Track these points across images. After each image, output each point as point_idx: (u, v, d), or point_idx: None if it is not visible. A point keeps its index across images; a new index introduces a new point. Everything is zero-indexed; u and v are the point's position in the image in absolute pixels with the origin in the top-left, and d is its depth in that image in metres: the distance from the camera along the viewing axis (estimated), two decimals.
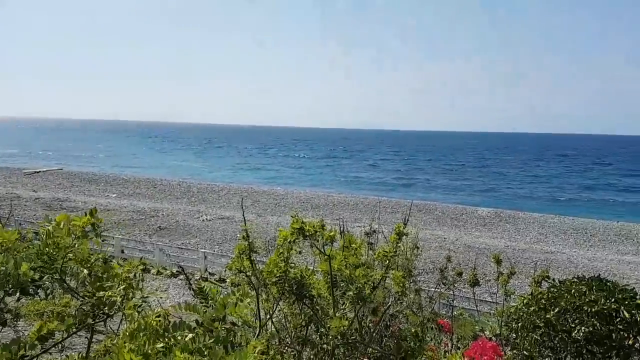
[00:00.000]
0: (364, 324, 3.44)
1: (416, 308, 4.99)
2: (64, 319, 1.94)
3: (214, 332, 1.56)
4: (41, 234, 1.94)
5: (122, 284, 1.83)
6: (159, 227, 21.96)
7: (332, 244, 3.26)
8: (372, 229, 5.62)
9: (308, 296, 3.04)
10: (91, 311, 1.86)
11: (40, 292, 2.13)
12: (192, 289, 1.94)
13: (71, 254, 1.94)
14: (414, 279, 5.28)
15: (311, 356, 3.21)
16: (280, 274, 2.93)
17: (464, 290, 11.22)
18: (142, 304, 1.87)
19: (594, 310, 2.95)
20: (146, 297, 1.90)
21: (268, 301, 3.31)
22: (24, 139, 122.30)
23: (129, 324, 1.66)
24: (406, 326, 4.05)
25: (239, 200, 30.83)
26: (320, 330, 3.18)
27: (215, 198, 33.10)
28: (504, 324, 3.66)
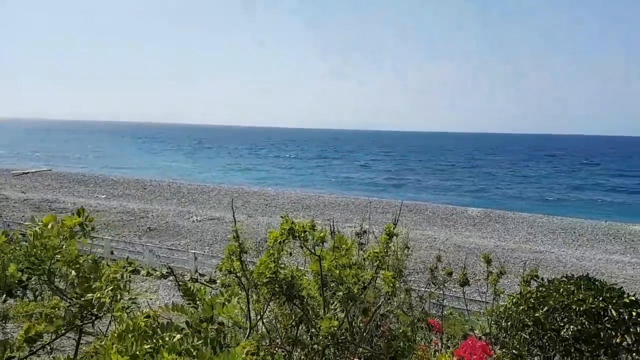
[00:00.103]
0: (354, 324, 3.45)
1: (407, 308, 5.00)
2: (52, 320, 1.92)
3: (202, 332, 1.56)
4: (28, 235, 1.93)
5: (110, 285, 1.81)
6: (149, 228, 21.83)
7: (323, 245, 3.26)
8: (363, 229, 5.63)
9: (298, 297, 3.04)
10: (79, 313, 1.84)
11: (29, 294, 2.11)
12: (180, 289, 1.93)
13: (59, 255, 1.92)
14: (405, 278, 5.29)
15: (302, 356, 3.20)
16: (271, 275, 2.93)
17: (454, 290, 11.28)
18: (131, 306, 1.85)
19: (582, 309, 2.98)
20: (134, 298, 1.88)
21: (259, 302, 3.30)
22: (13, 139, 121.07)
23: (117, 325, 1.65)
24: (397, 326, 4.06)
25: (230, 201, 30.74)
26: (311, 330, 3.17)
27: (205, 199, 32.96)
28: (494, 323, 3.68)
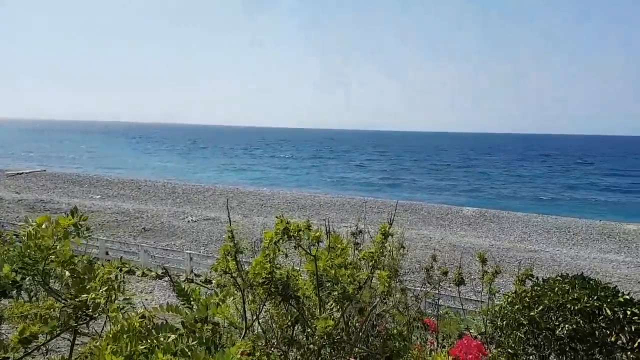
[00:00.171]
0: (350, 323, 3.45)
1: (402, 307, 5.00)
2: (47, 321, 1.91)
3: (197, 333, 1.55)
4: (21, 235, 1.91)
5: (104, 286, 1.80)
6: (144, 228, 21.76)
7: (319, 245, 3.26)
8: (359, 229, 5.62)
9: (294, 297, 3.04)
10: (74, 313, 1.83)
11: (24, 295, 2.10)
12: (174, 290, 1.92)
13: (53, 256, 1.91)
14: (400, 278, 5.30)
15: (297, 356, 3.20)
16: (267, 275, 2.92)
17: (449, 289, 11.30)
18: (125, 306, 1.84)
19: (577, 308, 2.99)
20: (128, 298, 1.88)
21: (254, 302, 3.29)
22: (7, 139, 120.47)
23: (112, 325, 1.64)
24: (393, 325, 4.06)
25: (225, 201, 30.66)
26: (307, 330, 3.17)
27: (200, 199, 32.89)
28: (489, 322, 3.69)
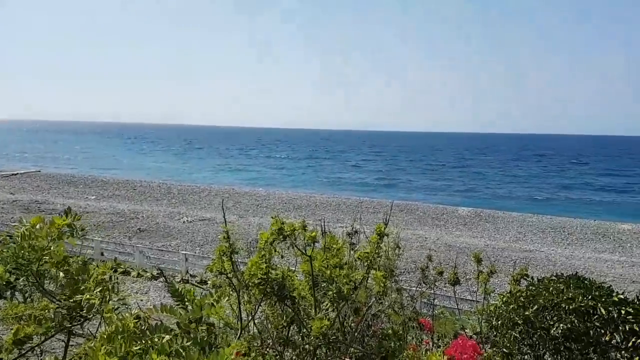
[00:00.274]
0: (346, 324, 3.45)
1: (398, 307, 5.01)
2: (41, 322, 1.90)
3: (192, 333, 1.55)
4: (15, 236, 1.91)
5: (98, 287, 1.80)
6: (139, 229, 21.71)
7: (314, 245, 3.25)
8: (354, 230, 5.62)
9: (290, 297, 3.03)
10: (68, 314, 1.83)
11: (18, 295, 2.09)
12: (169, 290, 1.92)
13: (47, 257, 1.90)
14: (396, 278, 5.30)
15: (293, 357, 3.20)
16: (262, 276, 2.92)
17: (445, 289, 11.33)
18: (119, 307, 1.84)
19: (571, 307, 3.00)
20: (123, 298, 1.87)
21: (250, 303, 3.29)
22: (1, 140, 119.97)
23: (106, 326, 1.64)
24: (388, 325, 4.07)
25: (220, 202, 30.63)
26: (302, 330, 3.17)
27: (196, 199, 32.84)
28: (484, 321, 3.70)
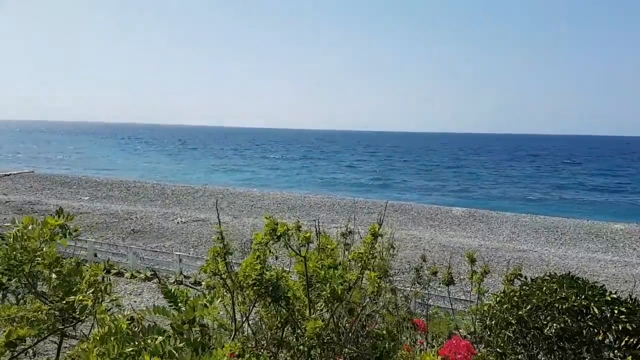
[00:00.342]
0: (340, 324, 3.45)
1: (392, 308, 5.01)
2: (33, 324, 1.89)
3: (185, 334, 1.54)
4: (7, 237, 1.89)
5: (90, 288, 1.79)
6: (133, 230, 21.62)
7: (308, 245, 3.25)
8: (349, 230, 5.63)
9: (284, 298, 3.03)
10: (60, 316, 1.82)
11: (11, 297, 2.07)
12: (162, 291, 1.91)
13: (39, 258, 1.89)
14: (390, 278, 5.31)
15: (287, 357, 3.19)
16: (257, 277, 2.91)
17: (439, 289, 11.35)
18: (111, 308, 1.83)
19: (564, 307, 3.01)
20: (115, 299, 1.86)
21: (244, 303, 3.28)
22: None
23: (99, 328, 1.63)
24: (382, 326, 4.07)
25: (215, 202, 30.56)
26: (297, 331, 3.17)
27: (190, 200, 32.74)
28: (478, 321, 3.71)
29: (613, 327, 2.84)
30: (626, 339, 2.77)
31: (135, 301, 12.03)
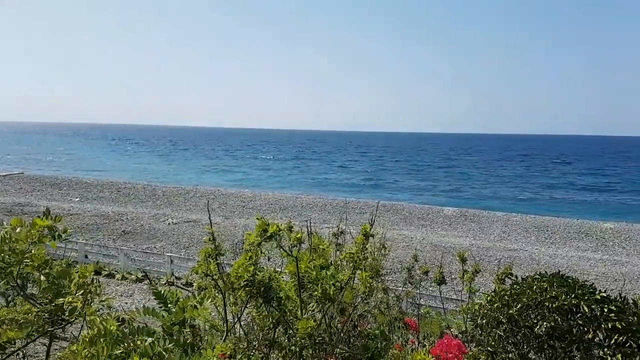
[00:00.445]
0: (332, 324, 3.45)
1: (384, 307, 5.02)
2: (22, 326, 1.88)
3: (175, 335, 1.53)
4: None
5: (80, 290, 1.78)
6: (124, 231, 21.50)
7: (300, 246, 3.25)
8: (340, 230, 5.63)
9: (276, 299, 3.02)
10: (49, 318, 1.80)
11: (1, 299, 2.05)
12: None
13: (28, 260, 1.87)
14: (382, 278, 5.32)
15: (279, 358, 3.19)
16: (249, 278, 2.91)
17: (430, 289, 11.39)
18: (101, 309, 1.82)
19: (555, 305, 3.03)
20: (105, 301, 1.85)
21: (236, 304, 3.27)
22: None
23: (89, 329, 1.62)
24: (374, 326, 4.08)
25: (206, 203, 30.46)
26: (289, 332, 3.16)
27: (181, 201, 32.61)
28: (469, 320, 3.72)
29: (603, 326, 2.86)
30: (616, 337, 2.79)
31: (126, 303, 11.96)
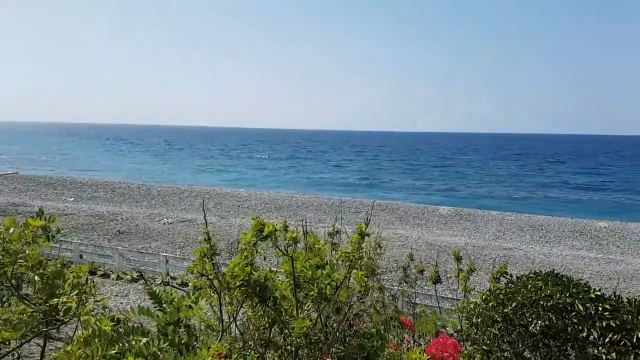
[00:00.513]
0: (327, 323, 3.44)
1: (380, 307, 5.02)
2: (17, 327, 1.87)
3: (169, 335, 1.53)
4: None
5: (74, 290, 1.77)
6: (119, 231, 21.42)
7: (296, 245, 3.24)
8: (336, 229, 5.63)
9: (271, 298, 3.02)
10: (43, 318, 1.79)
11: None
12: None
13: (22, 260, 1.86)
14: (378, 277, 5.32)
15: (275, 358, 3.18)
16: (244, 277, 2.90)
17: (426, 288, 11.41)
18: (95, 309, 1.81)
19: (549, 304, 3.04)
20: (99, 301, 1.84)
21: (231, 304, 3.26)
22: None
23: (83, 330, 1.61)
24: (370, 325, 4.07)
25: (201, 203, 30.36)
26: (284, 331, 3.16)
27: (176, 201, 32.52)
28: (465, 319, 3.73)
29: (597, 324, 2.87)
30: (610, 335, 2.80)
31: (121, 303, 11.92)
